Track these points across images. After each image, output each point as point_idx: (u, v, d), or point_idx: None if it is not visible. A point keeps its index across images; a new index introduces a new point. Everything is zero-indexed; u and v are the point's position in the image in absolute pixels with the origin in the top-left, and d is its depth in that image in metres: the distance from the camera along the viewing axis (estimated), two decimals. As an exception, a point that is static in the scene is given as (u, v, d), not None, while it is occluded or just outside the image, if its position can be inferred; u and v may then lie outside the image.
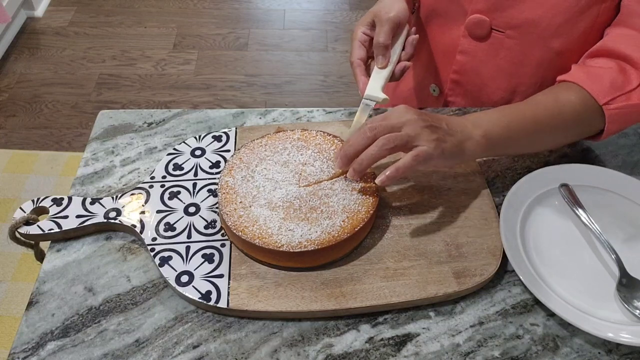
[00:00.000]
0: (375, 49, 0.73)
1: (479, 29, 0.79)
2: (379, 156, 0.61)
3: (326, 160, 0.68)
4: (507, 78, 0.82)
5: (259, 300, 0.59)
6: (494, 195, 0.71)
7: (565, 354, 0.57)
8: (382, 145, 0.60)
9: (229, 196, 0.64)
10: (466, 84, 0.86)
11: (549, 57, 0.77)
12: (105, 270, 0.63)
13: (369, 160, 0.61)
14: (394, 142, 0.60)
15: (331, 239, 0.60)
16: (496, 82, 0.83)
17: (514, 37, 0.77)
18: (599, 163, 0.76)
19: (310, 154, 0.69)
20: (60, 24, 2.41)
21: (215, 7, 2.54)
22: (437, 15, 0.85)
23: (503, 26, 0.77)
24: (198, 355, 0.57)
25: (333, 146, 0.70)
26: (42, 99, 2.08)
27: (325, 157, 0.68)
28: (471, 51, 0.82)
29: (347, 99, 2.13)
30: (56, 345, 0.57)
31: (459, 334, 0.59)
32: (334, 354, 0.57)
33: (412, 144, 0.60)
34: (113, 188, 0.72)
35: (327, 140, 0.70)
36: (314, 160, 0.68)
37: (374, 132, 0.61)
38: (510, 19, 0.76)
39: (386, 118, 0.62)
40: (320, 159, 0.68)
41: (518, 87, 0.82)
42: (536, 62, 0.78)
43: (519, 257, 0.63)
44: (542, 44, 0.76)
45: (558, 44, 0.75)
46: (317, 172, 0.67)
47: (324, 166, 0.67)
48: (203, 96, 2.12)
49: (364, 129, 0.62)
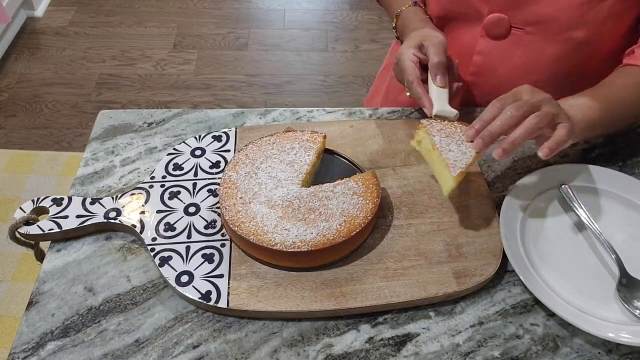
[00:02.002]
0: (433, 69, 0.73)
1: (498, 28, 0.79)
2: (532, 135, 0.61)
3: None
4: (525, 74, 0.82)
5: (259, 300, 0.59)
6: (494, 195, 0.71)
7: (565, 354, 0.57)
8: (535, 123, 0.60)
9: (230, 191, 0.64)
10: (483, 84, 0.86)
11: (568, 48, 0.78)
12: (105, 270, 0.63)
13: (522, 138, 0.61)
14: (545, 120, 0.61)
15: (325, 242, 0.60)
16: (514, 78, 0.83)
17: (533, 33, 0.78)
18: (599, 163, 0.76)
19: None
20: (60, 24, 2.41)
21: (215, 7, 2.53)
22: (450, 20, 0.84)
23: (522, 23, 0.77)
24: (198, 355, 0.57)
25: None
26: (42, 99, 2.08)
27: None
28: (489, 51, 0.82)
29: (347, 98, 2.12)
30: (56, 345, 0.57)
31: (459, 334, 0.59)
32: (334, 354, 0.57)
33: (556, 121, 0.62)
34: (113, 188, 0.72)
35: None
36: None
37: (522, 111, 0.61)
38: (530, 15, 0.76)
39: (523, 96, 0.63)
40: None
41: (536, 82, 0.82)
42: (555, 55, 0.79)
43: (519, 257, 0.63)
44: (562, 36, 0.77)
45: (581, 34, 0.76)
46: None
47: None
48: (203, 96, 2.11)
49: (508, 109, 0.61)
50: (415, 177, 0.71)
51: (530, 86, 0.64)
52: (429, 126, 0.66)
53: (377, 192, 0.64)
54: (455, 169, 0.61)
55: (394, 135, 0.77)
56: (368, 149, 0.75)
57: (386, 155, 0.74)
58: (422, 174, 0.72)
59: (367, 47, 2.35)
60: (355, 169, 0.71)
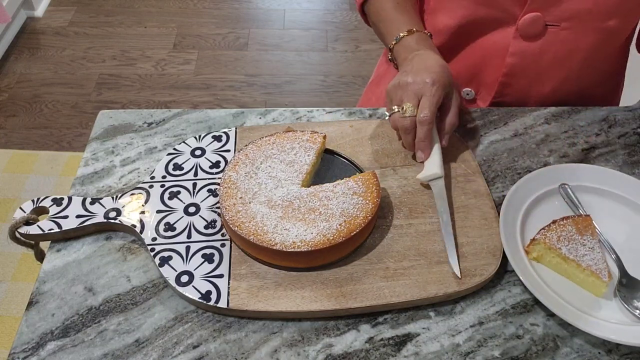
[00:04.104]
0: (417, 144, 0.71)
1: (533, 28, 0.78)
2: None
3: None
4: (559, 68, 0.82)
5: (259, 300, 0.59)
6: (494, 195, 0.71)
7: (565, 354, 0.57)
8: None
9: (230, 191, 0.64)
10: (516, 84, 0.85)
11: (601, 38, 0.78)
12: (105, 270, 0.63)
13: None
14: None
15: (325, 242, 0.60)
16: (548, 74, 0.83)
17: (568, 28, 0.78)
18: (599, 163, 0.76)
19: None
20: (60, 24, 2.41)
21: (215, 7, 2.54)
22: (479, 25, 0.82)
23: (558, 19, 0.77)
24: (198, 355, 0.57)
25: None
26: (42, 99, 2.08)
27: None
28: (522, 52, 0.81)
29: (347, 98, 2.12)
30: (56, 345, 0.57)
31: (459, 334, 0.59)
32: (334, 354, 0.57)
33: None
34: (113, 188, 0.72)
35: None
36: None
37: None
38: (565, 10, 0.76)
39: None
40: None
41: (569, 74, 0.83)
42: (589, 46, 0.79)
43: (519, 257, 0.63)
44: (597, 27, 0.77)
45: (614, 23, 0.76)
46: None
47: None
48: (203, 96, 2.12)
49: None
50: (415, 177, 0.71)
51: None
52: (547, 239, 0.63)
53: (377, 192, 0.64)
54: (603, 274, 0.60)
55: (394, 135, 0.77)
56: (368, 149, 0.75)
57: (386, 155, 0.74)
58: (422, 174, 0.72)
59: (367, 47, 2.35)
60: (355, 169, 0.71)
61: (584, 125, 0.81)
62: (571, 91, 0.86)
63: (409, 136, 0.69)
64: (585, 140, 0.79)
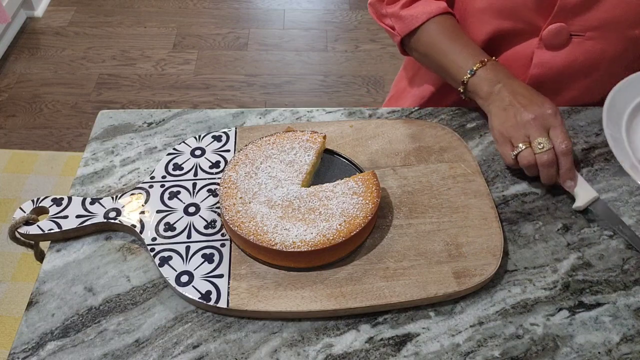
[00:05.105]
0: (563, 175, 0.72)
1: (558, 38, 0.78)
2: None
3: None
4: (583, 77, 0.82)
5: (259, 300, 0.59)
6: (494, 195, 0.71)
7: (565, 354, 0.57)
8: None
9: (230, 191, 0.65)
10: (541, 92, 0.85)
11: (626, 47, 0.78)
12: (105, 270, 0.63)
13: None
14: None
15: (325, 242, 0.60)
16: (573, 83, 0.83)
17: (593, 38, 0.77)
18: (598, 163, 0.76)
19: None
20: (60, 24, 2.41)
21: (215, 7, 2.53)
22: (504, 37, 0.82)
23: (582, 29, 0.76)
24: (198, 355, 0.57)
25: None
26: (42, 99, 2.08)
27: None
28: (547, 62, 0.81)
29: (347, 98, 2.12)
30: (56, 345, 0.57)
31: (459, 334, 0.59)
32: (334, 354, 0.57)
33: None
34: (113, 188, 0.72)
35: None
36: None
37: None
38: (591, 20, 0.75)
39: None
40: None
41: (593, 82, 0.83)
42: (613, 54, 0.79)
43: (623, 148, 0.67)
44: (622, 36, 0.76)
45: (639, 30, 0.76)
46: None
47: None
48: (203, 96, 2.11)
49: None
50: (415, 177, 0.71)
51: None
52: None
53: (377, 192, 0.64)
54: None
55: (394, 135, 0.77)
56: (368, 149, 0.75)
57: (386, 155, 0.74)
58: (422, 174, 0.72)
59: (366, 47, 2.35)
60: (355, 169, 0.71)
61: (584, 125, 0.81)
62: (595, 98, 0.86)
63: (551, 169, 0.70)
64: (585, 140, 0.79)
